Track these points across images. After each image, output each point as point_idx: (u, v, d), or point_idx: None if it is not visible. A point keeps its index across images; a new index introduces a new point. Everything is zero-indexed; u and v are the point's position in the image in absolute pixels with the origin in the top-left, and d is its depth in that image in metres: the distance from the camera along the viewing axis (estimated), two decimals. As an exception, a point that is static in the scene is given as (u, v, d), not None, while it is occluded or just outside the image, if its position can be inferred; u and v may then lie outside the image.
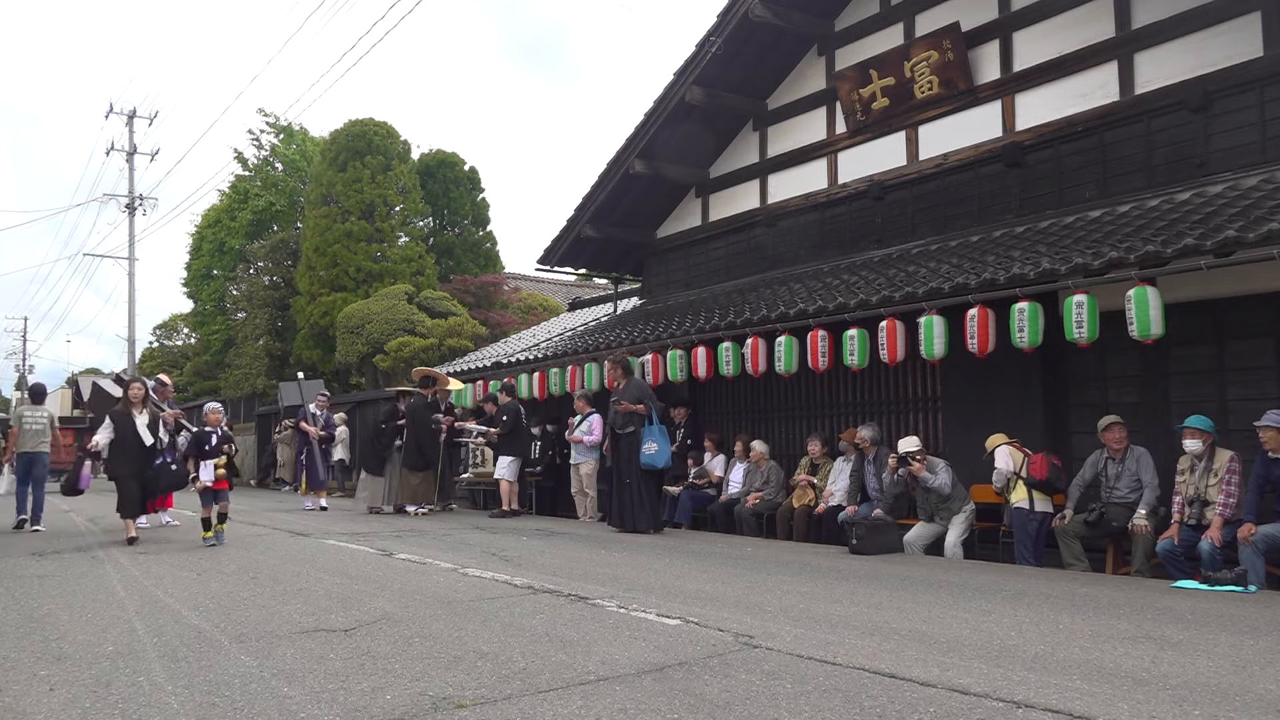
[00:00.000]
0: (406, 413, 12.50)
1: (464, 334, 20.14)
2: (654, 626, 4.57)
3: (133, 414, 8.53)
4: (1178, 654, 4.04)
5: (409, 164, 24.85)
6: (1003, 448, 7.72)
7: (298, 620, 4.74)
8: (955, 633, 4.47)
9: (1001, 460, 7.67)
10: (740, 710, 3.16)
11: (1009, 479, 7.63)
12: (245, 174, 28.30)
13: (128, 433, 8.47)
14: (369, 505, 12.56)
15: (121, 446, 8.50)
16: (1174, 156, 8.40)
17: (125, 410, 8.58)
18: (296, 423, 13.93)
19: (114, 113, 28.89)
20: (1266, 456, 6.23)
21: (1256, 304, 7.17)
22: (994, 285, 7.64)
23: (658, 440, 9.50)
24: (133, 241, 28.70)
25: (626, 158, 12.88)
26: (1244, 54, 7.90)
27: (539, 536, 9.21)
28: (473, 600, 5.32)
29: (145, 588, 5.88)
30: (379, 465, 12.66)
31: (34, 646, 4.18)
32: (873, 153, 11.07)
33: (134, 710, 3.20)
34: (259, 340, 25.81)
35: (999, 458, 7.69)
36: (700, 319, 10.89)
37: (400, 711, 3.15)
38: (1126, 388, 8.09)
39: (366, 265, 22.94)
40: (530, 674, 3.63)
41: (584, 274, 18.99)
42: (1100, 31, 8.93)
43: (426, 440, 12.27)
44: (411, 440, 12.25)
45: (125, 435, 8.47)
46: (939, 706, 3.20)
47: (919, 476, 7.92)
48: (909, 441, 8.16)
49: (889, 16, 10.91)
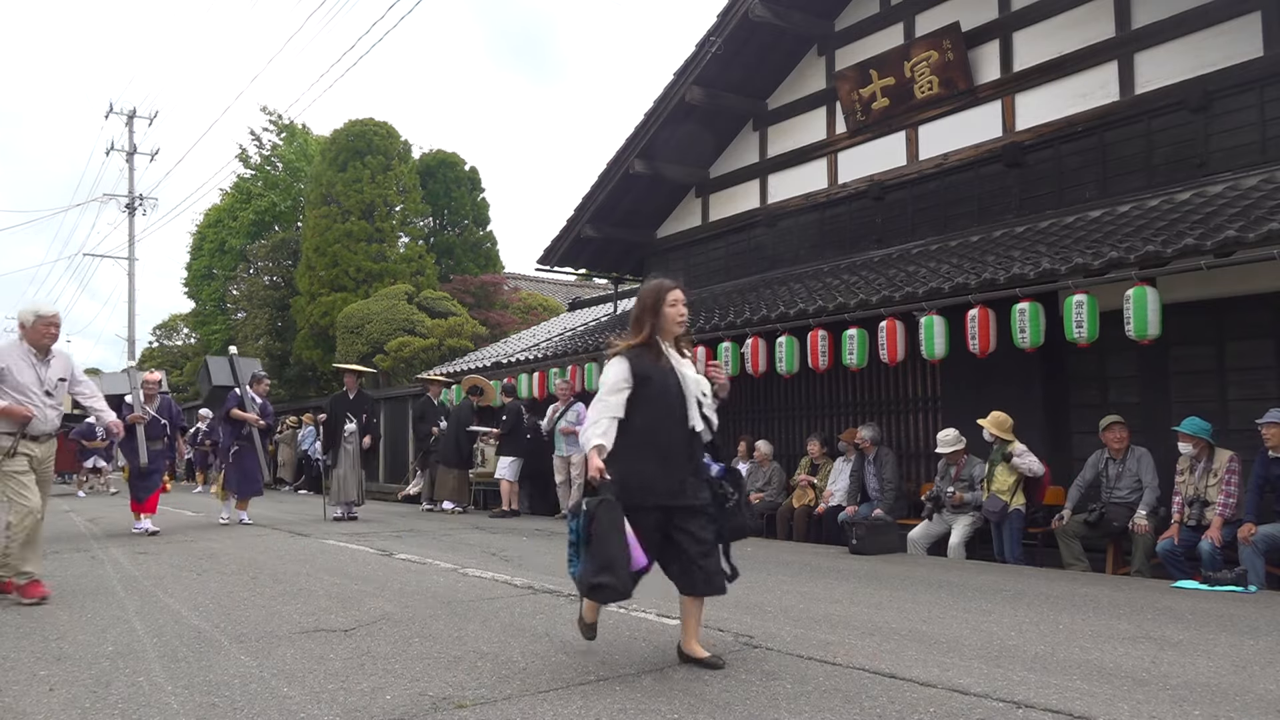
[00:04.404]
0: (451, 414, 12.85)
1: (464, 334, 20.13)
2: (654, 626, 4.57)
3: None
4: (1178, 654, 4.04)
5: (409, 164, 24.83)
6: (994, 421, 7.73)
7: (298, 620, 4.73)
8: (955, 633, 4.47)
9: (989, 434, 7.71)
10: (740, 710, 3.16)
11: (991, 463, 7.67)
12: (247, 174, 28.29)
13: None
14: (438, 501, 12.76)
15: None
16: (1174, 156, 8.40)
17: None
18: (226, 410, 10.80)
19: (114, 113, 28.89)
20: (1266, 456, 6.23)
21: (1256, 304, 7.17)
22: (994, 285, 7.64)
23: None
24: (133, 241, 28.71)
25: (626, 158, 12.88)
26: (1244, 54, 7.90)
27: (539, 536, 9.21)
28: (473, 600, 5.32)
29: (145, 588, 5.88)
30: (462, 459, 12.70)
31: (34, 646, 4.18)
32: (873, 153, 11.07)
33: (134, 710, 3.20)
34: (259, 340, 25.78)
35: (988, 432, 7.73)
36: (700, 319, 10.89)
37: (400, 711, 3.15)
38: (1126, 388, 8.09)
39: (366, 265, 22.93)
40: (530, 674, 3.63)
41: (584, 274, 18.97)
42: (1100, 31, 8.93)
43: (465, 440, 12.63)
44: (451, 438, 12.53)
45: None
46: (939, 706, 3.20)
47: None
48: (950, 437, 8.06)
49: (889, 16, 10.91)
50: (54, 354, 5.65)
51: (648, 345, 3.85)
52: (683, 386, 3.80)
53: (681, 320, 3.89)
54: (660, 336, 3.87)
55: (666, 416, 3.74)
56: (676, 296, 3.89)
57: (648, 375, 3.76)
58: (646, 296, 3.93)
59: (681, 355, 3.93)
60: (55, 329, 5.64)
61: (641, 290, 4.06)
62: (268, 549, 8.08)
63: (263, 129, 28.10)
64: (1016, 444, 7.61)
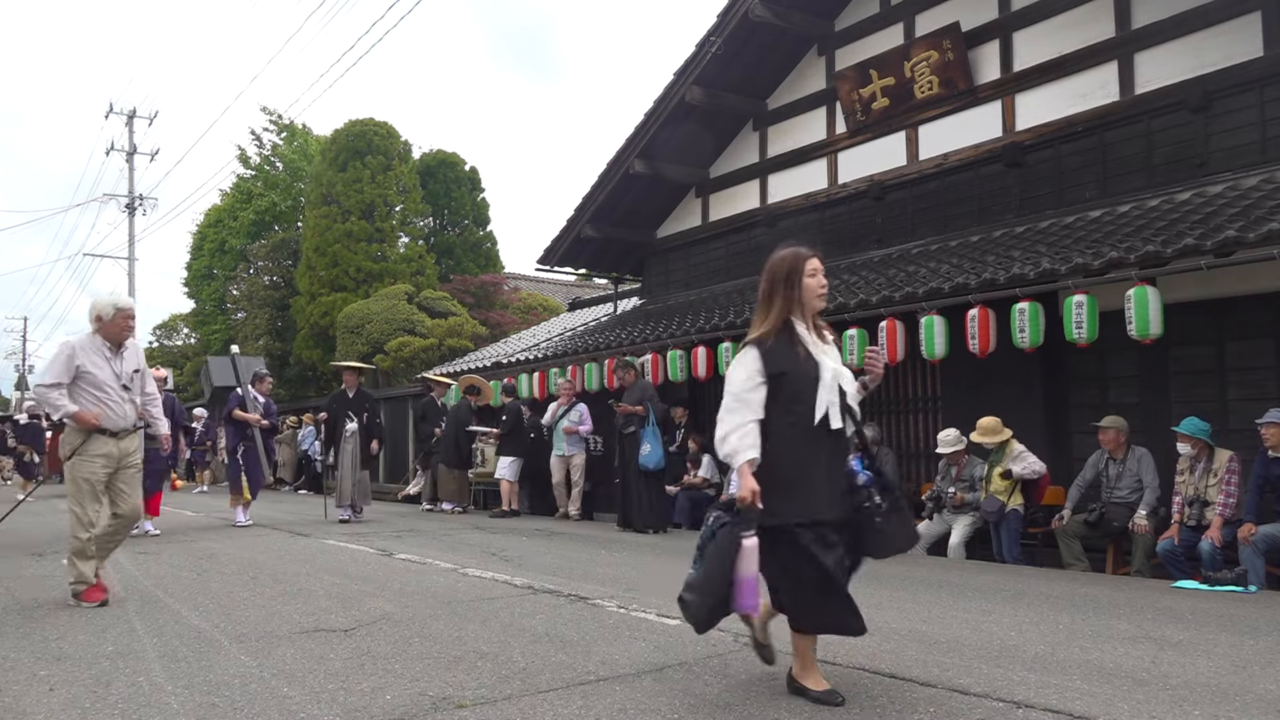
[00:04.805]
0: (449, 414, 12.85)
1: (464, 334, 20.14)
2: (654, 626, 4.57)
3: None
4: (1178, 654, 4.04)
5: (409, 164, 24.84)
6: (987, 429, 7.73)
7: (298, 620, 4.73)
8: (955, 633, 4.47)
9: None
10: (740, 710, 3.16)
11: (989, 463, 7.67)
12: (247, 174, 28.30)
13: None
14: (437, 501, 12.79)
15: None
16: (1174, 156, 8.40)
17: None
18: (230, 410, 10.74)
19: (114, 113, 28.90)
20: (1266, 456, 6.23)
21: (1256, 304, 7.17)
22: (994, 285, 7.64)
23: (650, 441, 9.60)
24: (133, 241, 28.73)
25: (626, 158, 12.88)
26: (1244, 54, 7.90)
27: (539, 536, 9.21)
28: (473, 600, 5.32)
29: (145, 588, 5.87)
30: (461, 460, 12.72)
31: (34, 646, 4.18)
32: (873, 153, 11.08)
33: (134, 710, 3.20)
34: (259, 340, 25.78)
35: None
36: (700, 319, 10.89)
37: (400, 711, 3.15)
38: (1126, 388, 8.08)
39: (366, 265, 22.93)
40: (530, 674, 3.63)
41: (584, 274, 18.98)
42: (1100, 31, 8.93)
43: (464, 441, 12.65)
44: (450, 439, 12.54)
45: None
46: (939, 706, 3.20)
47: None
48: (950, 437, 8.04)
49: (889, 16, 10.91)
50: (126, 345, 5.42)
51: (781, 330, 3.26)
52: (824, 378, 3.21)
53: (822, 294, 3.31)
54: (795, 317, 3.28)
55: (808, 416, 3.18)
56: (815, 265, 3.29)
57: (783, 370, 3.19)
58: (779, 267, 3.31)
59: (822, 339, 3.33)
60: (133, 321, 5.42)
61: (771, 261, 3.38)
62: (268, 549, 8.08)
63: (263, 129, 28.15)
64: (1015, 444, 7.61)
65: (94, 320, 5.33)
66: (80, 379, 5.19)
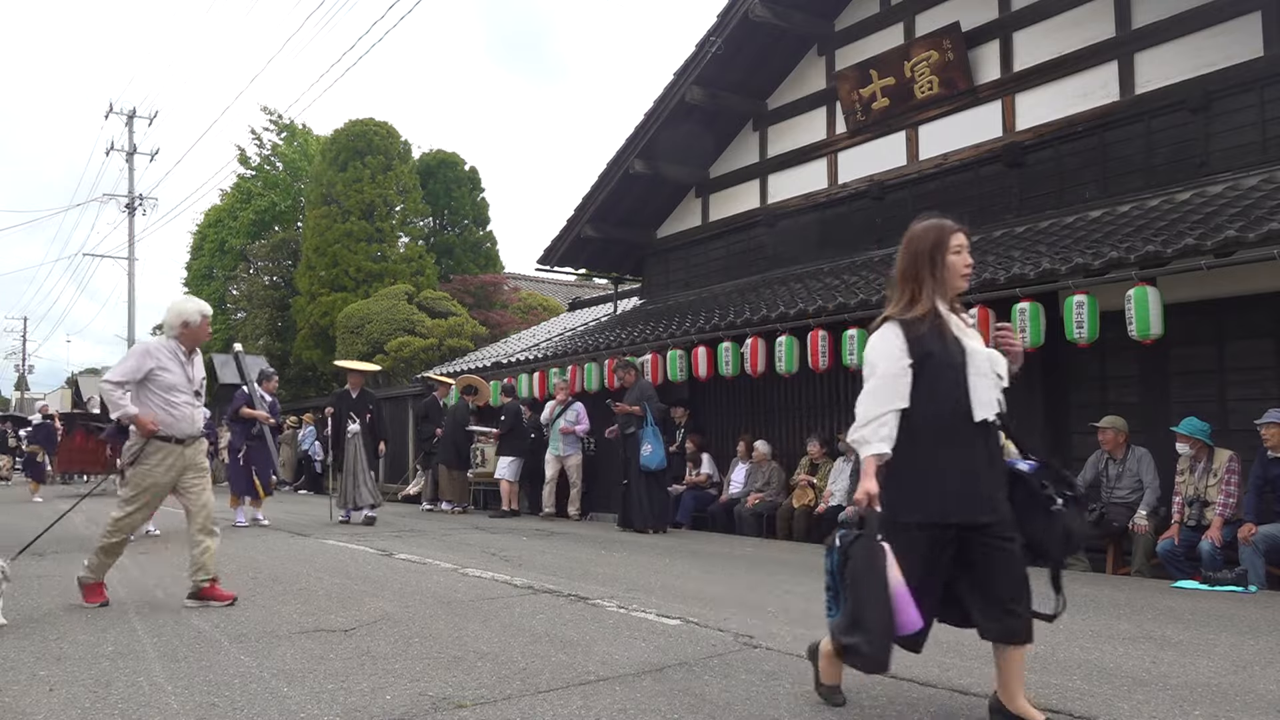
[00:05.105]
0: (448, 414, 12.91)
1: (464, 334, 20.14)
2: (654, 626, 4.57)
3: None
4: (1178, 654, 4.04)
5: (409, 164, 24.85)
6: None
7: (298, 620, 4.73)
8: (955, 633, 4.44)
9: None
10: (740, 710, 3.16)
11: None
12: (247, 174, 28.31)
13: None
14: (437, 501, 12.83)
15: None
16: (1174, 156, 8.40)
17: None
18: (236, 408, 10.60)
19: (114, 113, 28.89)
20: (1266, 456, 6.23)
21: (1256, 304, 7.16)
22: (994, 285, 7.63)
23: (651, 442, 9.61)
24: (133, 241, 28.73)
25: (626, 158, 12.88)
26: (1244, 54, 7.90)
27: (539, 536, 9.21)
28: (473, 600, 5.32)
29: (145, 588, 5.88)
30: (460, 460, 12.73)
31: (34, 646, 4.18)
32: (873, 153, 11.07)
33: (134, 710, 3.20)
34: (259, 340, 25.79)
35: None
36: (700, 319, 10.89)
37: (400, 711, 3.15)
38: (1126, 388, 8.08)
39: (366, 265, 22.94)
40: (530, 674, 3.63)
41: (584, 274, 18.97)
42: (1100, 31, 8.93)
43: (463, 441, 12.70)
44: (449, 439, 12.58)
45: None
46: (939, 706, 3.20)
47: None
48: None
49: (889, 16, 10.91)
50: (196, 351, 5.35)
51: (925, 310, 2.95)
52: (970, 364, 2.92)
53: (966, 274, 3.01)
54: (939, 297, 2.97)
55: (956, 405, 2.87)
56: (961, 241, 3.00)
57: (929, 351, 2.89)
58: (921, 241, 3.00)
59: (964, 322, 3.04)
60: (210, 327, 5.37)
61: (912, 233, 3.07)
62: (268, 549, 8.08)
63: (263, 129, 28.15)
64: (1010, 445, 7.60)
65: (179, 325, 5.20)
66: (151, 381, 5.08)
